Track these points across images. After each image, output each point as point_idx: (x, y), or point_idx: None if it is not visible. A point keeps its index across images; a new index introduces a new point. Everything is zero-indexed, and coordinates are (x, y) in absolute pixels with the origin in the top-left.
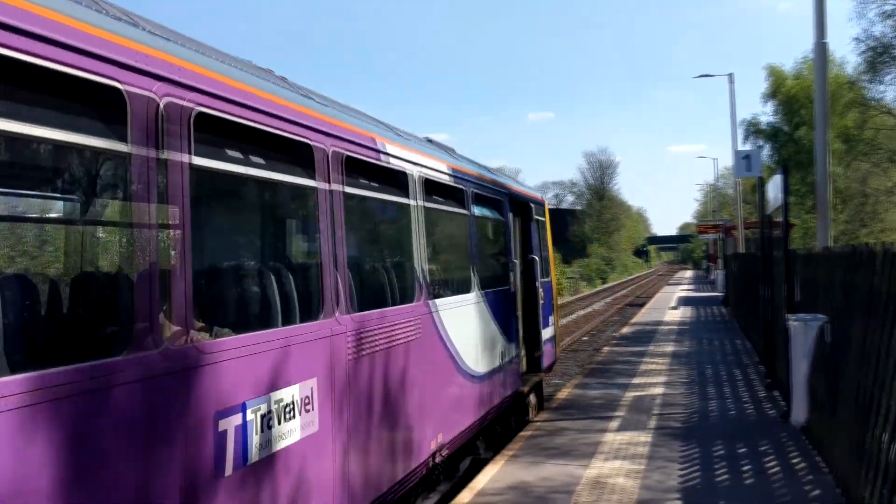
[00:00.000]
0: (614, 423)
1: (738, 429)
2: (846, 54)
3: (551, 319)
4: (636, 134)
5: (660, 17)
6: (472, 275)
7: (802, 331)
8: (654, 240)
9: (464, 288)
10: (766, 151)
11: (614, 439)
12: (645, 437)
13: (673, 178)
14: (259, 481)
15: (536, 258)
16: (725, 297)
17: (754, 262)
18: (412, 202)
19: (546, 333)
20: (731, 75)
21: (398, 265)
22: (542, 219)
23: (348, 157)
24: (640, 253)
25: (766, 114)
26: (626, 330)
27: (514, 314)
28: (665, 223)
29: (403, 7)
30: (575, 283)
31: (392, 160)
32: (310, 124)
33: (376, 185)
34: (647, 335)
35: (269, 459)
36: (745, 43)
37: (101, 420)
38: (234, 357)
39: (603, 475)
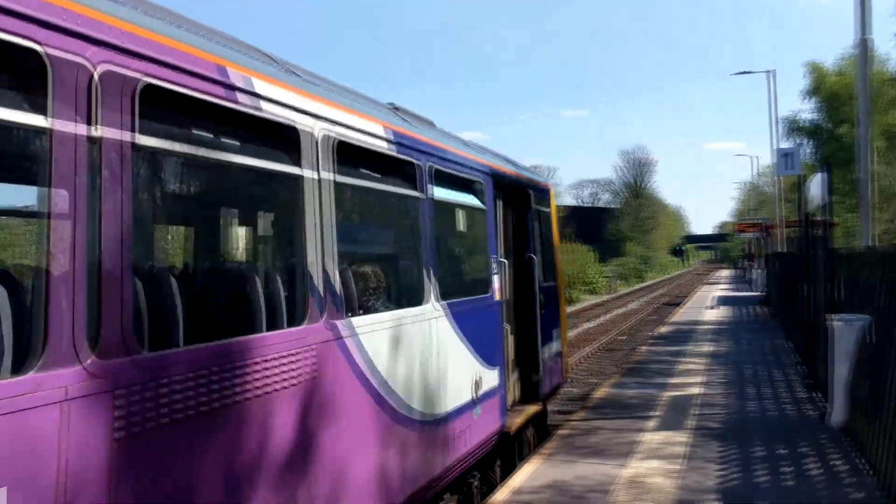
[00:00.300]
0: (651, 423)
1: (777, 430)
2: (889, 50)
3: (556, 333)
4: (673, 131)
5: (696, 12)
6: (426, 279)
7: (844, 331)
8: (692, 238)
9: (412, 298)
10: (807, 149)
11: (651, 439)
12: (682, 437)
13: (710, 176)
14: None
15: (535, 258)
16: (766, 297)
17: (795, 262)
18: (308, 173)
19: (547, 351)
20: (771, 72)
21: (278, 268)
22: (546, 209)
23: (152, 86)
24: (677, 252)
25: (806, 111)
26: (663, 329)
27: (498, 329)
28: (702, 222)
29: (437, 6)
30: (612, 281)
31: (267, 106)
32: (41, 17)
33: (231, 141)
34: (684, 335)
35: None
36: (787, 38)
37: None
38: None
39: (640, 475)
